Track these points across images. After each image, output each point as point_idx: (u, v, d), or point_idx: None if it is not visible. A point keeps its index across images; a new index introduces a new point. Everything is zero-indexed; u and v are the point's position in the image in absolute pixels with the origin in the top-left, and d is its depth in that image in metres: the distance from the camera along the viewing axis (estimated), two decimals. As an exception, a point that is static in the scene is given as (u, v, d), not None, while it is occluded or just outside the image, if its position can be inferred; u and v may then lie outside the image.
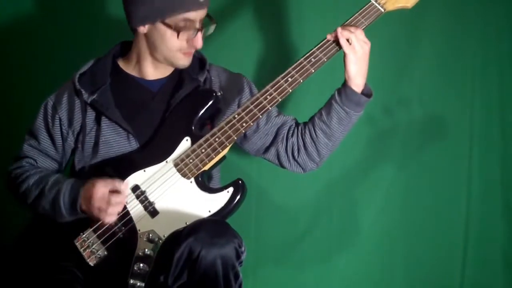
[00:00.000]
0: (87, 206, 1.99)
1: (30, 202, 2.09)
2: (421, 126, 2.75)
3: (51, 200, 2.04)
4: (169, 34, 2.05)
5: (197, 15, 2.05)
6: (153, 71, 2.16)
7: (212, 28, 2.10)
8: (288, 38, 2.66)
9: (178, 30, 2.04)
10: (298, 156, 2.16)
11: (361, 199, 2.76)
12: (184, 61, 2.11)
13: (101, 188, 1.96)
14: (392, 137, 2.74)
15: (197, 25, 2.06)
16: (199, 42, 2.06)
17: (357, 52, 2.01)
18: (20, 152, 2.19)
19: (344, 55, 2.03)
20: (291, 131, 2.17)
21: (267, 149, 2.20)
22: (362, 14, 2.03)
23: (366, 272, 2.79)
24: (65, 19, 2.69)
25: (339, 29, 2.02)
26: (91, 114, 2.13)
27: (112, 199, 1.96)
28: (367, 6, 2.03)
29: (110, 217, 1.98)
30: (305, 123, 2.17)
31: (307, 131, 2.13)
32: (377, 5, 2.03)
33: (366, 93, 2.08)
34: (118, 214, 2.00)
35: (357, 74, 2.04)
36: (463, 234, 2.77)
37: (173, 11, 2.03)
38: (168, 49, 2.08)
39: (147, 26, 2.07)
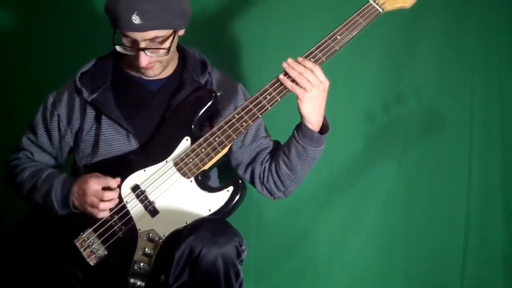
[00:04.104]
0: (79, 202, 2.01)
1: (24, 195, 2.12)
2: (421, 126, 2.74)
3: (43, 194, 2.06)
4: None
5: (135, 36, 2.00)
6: (153, 71, 2.16)
7: (161, 52, 2.04)
8: (287, 38, 2.66)
9: (119, 44, 2.04)
10: (266, 182, 2.17)
11: (362, 199, 2.76)
12: (144, 72, 2.10)
13: (94, 185, 1.99)
14: (392, 137, 2.74)
15: (141, 45, 2.02)
16: (140, 61, 2.03)
17: (309, 93, 1.97)
18: (20, 144, 2.22)
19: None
20: (268, 156, 2.18)
21: (245, 167, 2.21)
22: (361, 15, 2.01)
23: (366, 272, 2.79)
24: (65, 19, 2.69)
25: (286, 66, 1.97)
26: (91, 113, 2.13)
27: (105, 195, 1.98)
28: (365, 6, 2.01)
29: (102, 212, 2.00)
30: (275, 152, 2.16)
31: (273, 161, 2.14)
32: (375, 5, 2.01)
33: (326, 126, 2.06)
34: (111, 210, 2.01)
35: (310, 114, 2.01)
36: (463, 234, 2.77)
37: (114, 27, 2.02)
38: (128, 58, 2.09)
39: None
